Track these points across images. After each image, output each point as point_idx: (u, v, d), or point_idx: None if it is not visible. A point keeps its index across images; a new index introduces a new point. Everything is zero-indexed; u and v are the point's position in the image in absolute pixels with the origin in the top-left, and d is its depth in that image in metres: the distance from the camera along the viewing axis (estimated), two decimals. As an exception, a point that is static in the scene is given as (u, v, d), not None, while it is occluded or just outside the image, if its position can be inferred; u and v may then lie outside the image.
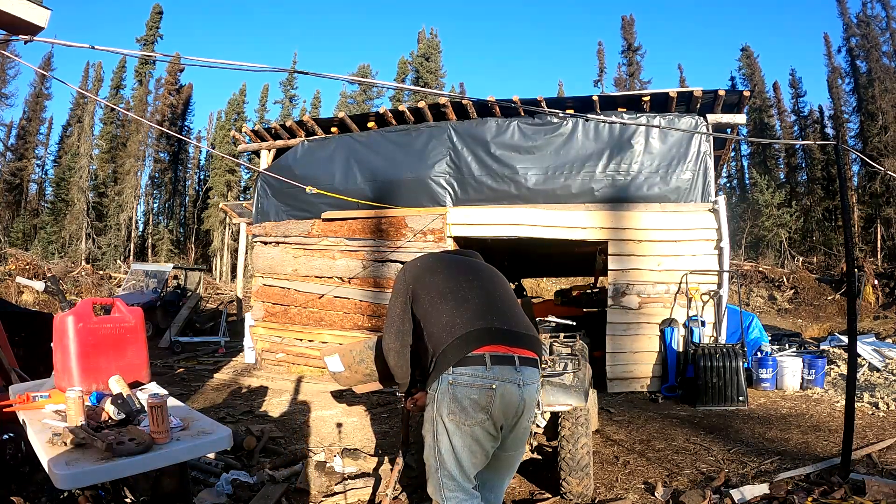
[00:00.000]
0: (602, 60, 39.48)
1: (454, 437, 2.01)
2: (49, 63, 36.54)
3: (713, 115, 7.17)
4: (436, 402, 2.04)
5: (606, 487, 3.68)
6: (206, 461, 3.66)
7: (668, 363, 6.80)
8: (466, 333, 2.04)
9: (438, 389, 2.03)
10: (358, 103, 38.84)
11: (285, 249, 8.61)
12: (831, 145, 4.13)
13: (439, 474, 2.06)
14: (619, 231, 7.13)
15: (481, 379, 1.98)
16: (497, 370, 2.00)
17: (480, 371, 1.99)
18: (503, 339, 2.07)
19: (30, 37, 3.23)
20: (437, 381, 2.04)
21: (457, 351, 2.02)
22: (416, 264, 2.39)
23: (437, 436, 2.05)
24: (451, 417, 2.01)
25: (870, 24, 28.91)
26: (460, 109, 7.86)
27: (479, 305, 2.14)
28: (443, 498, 2.07)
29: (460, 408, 1.99)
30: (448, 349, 2.03)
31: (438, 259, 2.41)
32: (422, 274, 2.29)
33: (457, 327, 2.07)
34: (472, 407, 1.99)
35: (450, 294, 2.17)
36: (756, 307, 17.13)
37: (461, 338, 2.03)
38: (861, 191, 29.17)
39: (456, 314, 2.10)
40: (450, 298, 2.16)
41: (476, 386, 1.98)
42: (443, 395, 2.02)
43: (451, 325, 2.08)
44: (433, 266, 2.33)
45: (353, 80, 43.26)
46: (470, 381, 1.98)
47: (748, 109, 25.24)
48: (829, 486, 3.33)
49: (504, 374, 2.00)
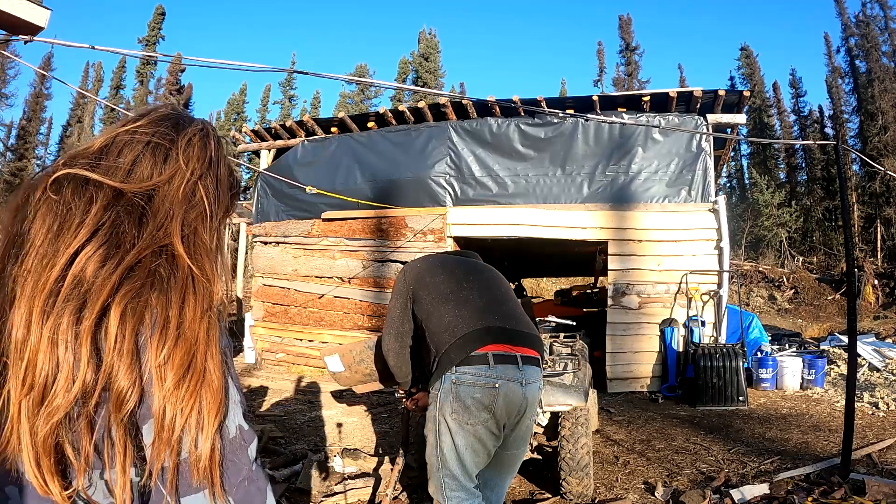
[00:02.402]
0: (602, 60, 39.48)
1: (457, 436, 2.01)
2: (49, 63, 36.54)
3: (713, 115, 7.17)
4: (438, 402, 2.04)
5: (606, 487, 3.68)
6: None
7: (668, 363, 6.80)
8: (468, 333, 2.04)
9: (441, 389, 2.03)
10: (356, 103, 38.83)
11: (285, 249, 8.62)
12: (831, 145, 4.13)
13: (441, 473, 2.06)
14: (619, 231, 7.13)
15: (484, 378, 1.98)
16: (500, 369, 2.00)
17: (483, 370, 1.99)
18: (505, 339, 2.07)
19: (30, 37, 3.23)
20: (439, 381, 2.04)
21: (459, 351, 2.02)
22: (416, 265, 2.38)
23: (439, 435, 2.05)
24: (453, 417, 2.01)
25: (869, 25, 28.92)
26: (460, 109, 7.86)
27: (480, 305, 2.14)
28: (444, 497, 2.07)
29: (463, 407, 1.99)
30: (450, 349, 2.03)
31: (439, 260, 2.41)
32: (422, 275, 2.28)
33: (459, 327, 2.06)
34: (476, 406, 1.99)
35: (451, 294, 2.17)
36: (756, 307, 17.12)
37: (463, 337, 2.03)
38: (861, 191, 29.15)
39: (457, 314, 2.10)
40: (451, 299, 2.16)
41: (479, 385, 1.98)
42: (446, 395, 2.02)
43: (453, 326, 2.08)
44: (433, 267, 2.32)
45: (353, 80, 43.30)
46: (473, 380, 1.99)
47: (748, 109, 25.25)
48: (829, 486, 3.34)
49: (507, 373, 2.01)
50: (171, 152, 0.76)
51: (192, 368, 0.67)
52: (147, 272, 0.68)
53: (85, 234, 0.67)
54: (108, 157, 0.74)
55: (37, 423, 0.62)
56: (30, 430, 0.62)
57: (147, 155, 0.75)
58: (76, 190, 0.70)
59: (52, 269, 0.65)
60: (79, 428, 0.64)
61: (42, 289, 0.64)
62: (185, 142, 0.78)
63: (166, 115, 0.81)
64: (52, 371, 0.63)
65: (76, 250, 0.66)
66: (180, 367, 0.66)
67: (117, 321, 0.64)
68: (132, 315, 0.65)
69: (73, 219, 0.68)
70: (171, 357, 0.66)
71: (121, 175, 0.72)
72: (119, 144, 0.75)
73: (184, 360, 0.66)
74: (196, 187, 0.77)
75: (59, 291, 0.64)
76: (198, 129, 0.82)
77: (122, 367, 0.64)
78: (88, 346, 0.63)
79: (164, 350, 0.66)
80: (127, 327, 0.65)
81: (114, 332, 0.64)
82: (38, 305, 0.64)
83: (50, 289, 0.64)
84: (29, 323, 0.64)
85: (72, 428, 0.64)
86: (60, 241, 0.67)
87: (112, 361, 0.64)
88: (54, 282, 0.65)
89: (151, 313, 0.67)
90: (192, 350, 0.67)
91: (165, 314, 0.67)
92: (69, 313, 0.64)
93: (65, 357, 0.63)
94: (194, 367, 0.67)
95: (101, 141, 0.76)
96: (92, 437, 0.65)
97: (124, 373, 0.64)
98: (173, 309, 0.67)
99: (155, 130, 0.77)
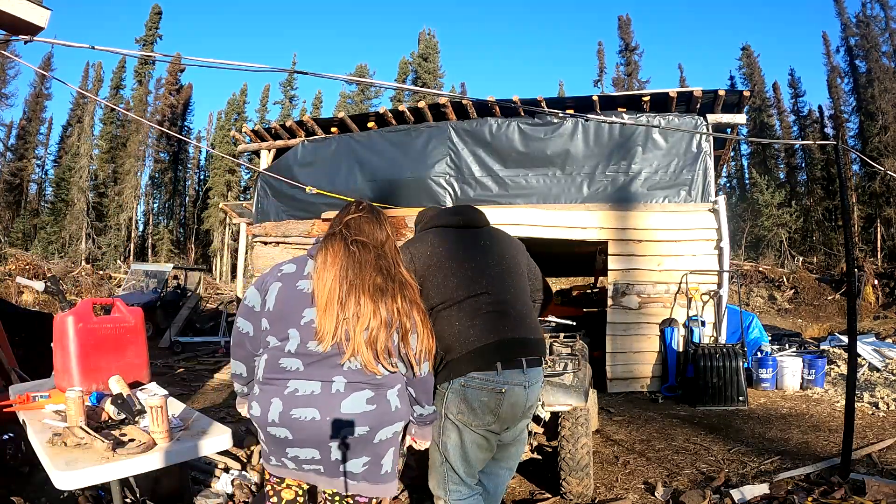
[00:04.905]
0: (602, 60, 39.51)
1: (463, 434, 2.05)
2: (49, 63, 36.54)
3: (713, 115, 7.17)
4: (445, 401, 2.06)
5: (606, 487, 3.68)
6: (206, 461, 3.66)
7: (668, 363, 6.80)
8: (480, 348, 2.01)
9: (449, 389, 2.05)
10: (356, 103, 38.84)
11: (285, 249, 8.61)
12: (831, 145, 4.12)
13: (444, 468, 2.10)
14: (619, 231, 7.13)
15: (492, 383, 2.01)
16: (507, 374, 2.02)
17: (492, 376, 2.01)
18: (515, 350, 2.06)
19: (30, 37, 3.23)
20: (447, 382, 2.06)
21: (468, 365, 2.01)
22: (424, 252, 2.15)
23: (443, 431, 2.07)
24: (459, 417, 2.04)
25: (869, 25, 28.93)
26: (460, 109, 7.86)
27: (491, 315, 2.07)
28: (446, 491, 2.10)
29: (469, 409, 2.02)
30: (461, 360, 2.03)
31: (447, 251, 2.16)
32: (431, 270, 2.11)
33: (469, 341, 2.02)
34: (482, 409, 2.02)
35: (463, 300, 2.07)
36: (756, 307, 17.11)
37: (474, 352, 2.01)
38: (861, 191, 29.16)
39: (469, 324, 2.04)
40: (464, 306, 2.06)
41: (487, 389, 2.01)
42: (453, 395, 2.04)
43: (463, 337, 2.03)
44: (442, 261, 2.13)
45: (353, 81, 43.31)
46: (481, 384, 2.01)
47: (748, 109, 25.23)
48: (829, 486, 3.33)
49: (513, 378, 2.03)
50: (379, 223, 1.86)
51: (423, 312, 1.81)
52: (399, 284, 1.76)
53: (374, 261, 1.75)
54: (355, 228, 1.81)
55: (363, 336, 1.66)
56: (364, 340, 1.66)
57: (370, 224, 1.84)
58: (359, 245, 1.78)
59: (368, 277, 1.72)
60: (381, 338, 1.68)
61: (369, 287, 1.70)
62: (381, 217, 1.88)
63: (367, 205, 1.90)
64: (373, 318, 1.66)
65: (375, 267, 1.75)
66: (420, 312, 1.79)
67: (401, 297, 1.73)
68: (405, 298, 1.75)
69: (365, 255, 1.76)
70: (415, 308, 1.77)
71: (367, 235, 1.81)
72: (355, 221, 1.83)
73: (419, 308, 1.79)
74: (392, 239, 1.85)
75: (373, 288, 1.70)
76: (378, 211, 1.92)
77: (403, 316, 1.72)
78: (394, 308, 1.71)
79: (413, 306, 1.77)
80: (404, 302, 1.73)
81: (400, 302, 1.72)
82: (366, 292, 1.69)
83: (371, 287, 1.70)
84: (365, 301, 1.68)
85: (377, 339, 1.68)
86: (366, 266, 1.73)
87: (399, 315, 1.71)
88: (372, 285, 1.71)
89: (402, 292, 1.74)
90: (419, 305, 1.81)
91: (405, 292, 1.76)
92: (380, 295, 1.70)
93: (379, 312, 1.67)
94: (423, 312, 1.81)
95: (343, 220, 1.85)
96: (386, 343, 1.70)
97: (406, 318, 1.73)
98: (408, 289, 1.78)
99: (363, 211, 1.86)
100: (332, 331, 1.63)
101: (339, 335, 1.63)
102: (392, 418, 1.71)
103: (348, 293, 1.65)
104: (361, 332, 1.63)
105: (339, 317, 1.63)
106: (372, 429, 1.67)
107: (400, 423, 1.75)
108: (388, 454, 1.73)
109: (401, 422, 1.75)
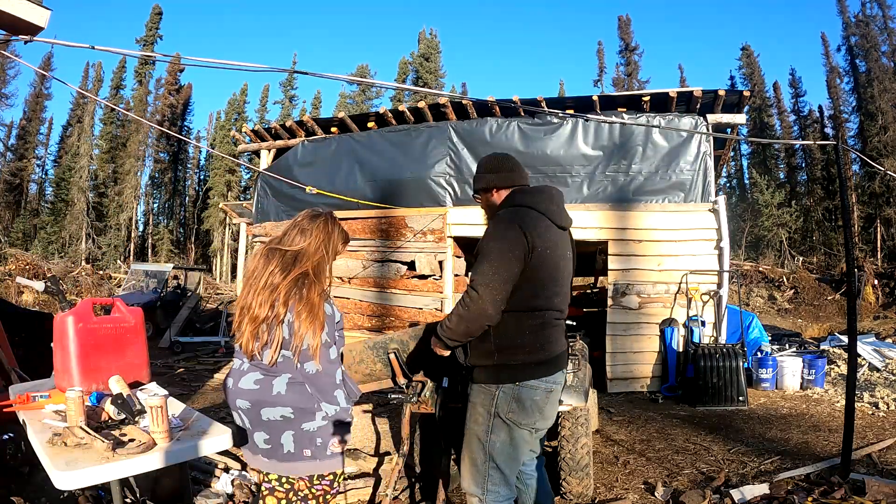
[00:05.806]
0: (602, 60, 39.50)
1: (513, 432, 2.11)
2: (49, 63, 36.55)
3: (713, 115, 7.16)
4: (496, 400, 2.10)
5: (606, 487, 3.68)
6: (206, 461, 3.66)
7: (668, 363, 6.80)
8: (545, 360, 2.12)
9: (500, 388, 2.10)
10: (357, 103, 38.83)
11: (285, 249, 8.60)
12: (831, 145, 4.12)
13: (486, 466, 2.13)
14: (619, 231, 7.13)
15: (545, 383, 2.13)
16: (555, 375, 2.17)
17: (545, 378, 2.13)
18: (566, 359, 2.28)
19: (30, 37, 3.23)
20: (501, 383, 2.10)
21: (531, 373, 2.10)
22: (535, 225, 2.05)
23: (492, 430, 2.11)
24: (509, 416, 2.09)
25: (869, 25, 28.92)
26: (460, 109, 7.86)
27: (557, 329, 2.19)
28: (485, 490, 2.13)
29: (521, 408, 2.09)
30: (524, 367, 2.09)
31: (553, 254, 2.11)
32: (534, 270, 2.04)
33: (535, 350, 2.10)
34: (532, 407, 2.10)
35: (543, 310, 2.12)
36: (756, 307, 17.12)
37: (537, 363, 2.11)
38: (861, 191, 29.15)
39: (539, 334, 2.12)
40: (537, 316, 2.10)
41: (540, 388, 2.11)
42: (504, 395, 2.09)
43: (530, 346, 2.10)
44: (544, 260, 2.06)
45: (353, 81, 43.31)
46: (536, 384, 2.10)
47: (748, 109, 25.25)
48: (829, 486, 3.33)
49: (558, 379, 2.19)
50: (308, 232, 2.04)
51: (311, 313, 1.92)
52: (297, 279, 1.95)
53: (273, 266, 1.97)
54: (284, 238, 2.05)
55: (249, 327, 1.93)
56: (249, 330, 1.93)
57: (298, 234, 2.04)
58: (271, 251, 2.03)
59: (263, 278, 1.97)
60: (264, 329, 1.93)
61: (262, 286, 1.95)
62: (315, 226, 2.05)
63: (313, 214, 2.11)
64: (258, 311, 1.92)
65: (270, 272, 1.96)
66: (308, 311, 1.92)
67: (283, 296, 1.92)
68: (291, 294, 1.93)
69: (271, 261, 1.99)
70: (303, 307, 1.92)
71: (286, 244, 2.03)
72: (289, 230, 2.07)
73: (308, 308, 1.92)
74: (319, 247, 2.03)
75: (265, 286, 1.95)
76: (322, 219, 2.08)
77: (283, 309, 1.92)
78: (272, 304, 1.92)
79: (301, 305, 1.92)
80: (287, 298, 1.92)
81: (282, 299, 1.92)
82: (259, 292, 1.94)
83: (263, 285, 1.95)
84: (256, 298, 1.94)
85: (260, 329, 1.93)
86: (265, 269, 1.97)
87: (279, 308, 1.92)
88: (264, 284, 1.95)
89: (299, 293, 1.94)
90: (312, 306, 1.93)
91: (302, 293, 1.94)
92: (268, 294, 1.93)
93: (263, 307, 1.92)
94: (313, 313, 1.92)
95: (282, 230, 2.10)
96: (268, 334, 1.93)
97: (283, 311, 1.92)
98: (307, 290, 1.94)
99: (302, 220, 2.08)
100: (238, 321, 1.99)
101: (243, 325, 1.95)
102: (274, 401, 1.92)
103: (249, 290, 1.99)
104: (248, 324, 1.94)
105: (242, 310, 1.98)
106: (253, 405, 1.93)
107: (285, 409, 1.91)
108: (285, 435, 1.91)
109: (286, 408, 1.91)
